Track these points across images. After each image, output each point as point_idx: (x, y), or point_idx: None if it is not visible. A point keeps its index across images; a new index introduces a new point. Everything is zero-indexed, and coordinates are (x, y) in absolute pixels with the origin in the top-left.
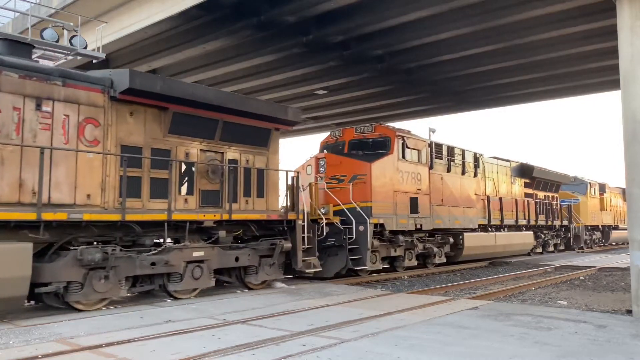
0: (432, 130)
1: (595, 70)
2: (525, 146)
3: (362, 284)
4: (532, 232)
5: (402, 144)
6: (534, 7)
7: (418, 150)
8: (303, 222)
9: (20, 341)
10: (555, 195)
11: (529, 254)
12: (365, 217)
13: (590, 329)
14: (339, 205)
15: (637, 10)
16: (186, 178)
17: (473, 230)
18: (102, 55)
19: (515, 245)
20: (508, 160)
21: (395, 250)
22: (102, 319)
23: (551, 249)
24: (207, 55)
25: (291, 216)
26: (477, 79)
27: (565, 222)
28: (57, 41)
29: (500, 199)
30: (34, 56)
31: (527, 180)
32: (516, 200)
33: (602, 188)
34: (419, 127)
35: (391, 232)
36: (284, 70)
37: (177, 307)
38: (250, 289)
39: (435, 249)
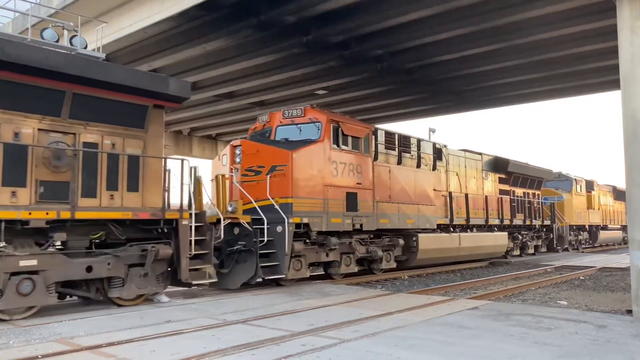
0: (432, 130)
1: (595, 70)
2: (525, 146)
3: (362, 284)
4: (506, 233)
5: (337, 130)
6: (534, 7)
7: (359, 138)
8: (191, 222)
9: (20, 341)
10: (537, 192)
11: (505, 257)
12: (284, 215)
13: (590, 329)
14: (252, 202)
15: (637, 10)
16: (14, 165)
17: (431, 230)
18: (102, 55)
19: (486, 247)
20: (479, 154)
21: (327, 255)
22: (102, 319)
23: (531, 251)
24: (207, 55)
25: (170, 215)
26: (477, 79)
27: (547, 222)
28: (57, 41)
29: (467, 195)
30: None
31: (503, 176)
32: (486, 197)
33: (590, 185)
34: (419, 127)
35: (321, 233)
36: (284, 70)
37: (177, 307)
38: (119, 305)
39: (381, 253)
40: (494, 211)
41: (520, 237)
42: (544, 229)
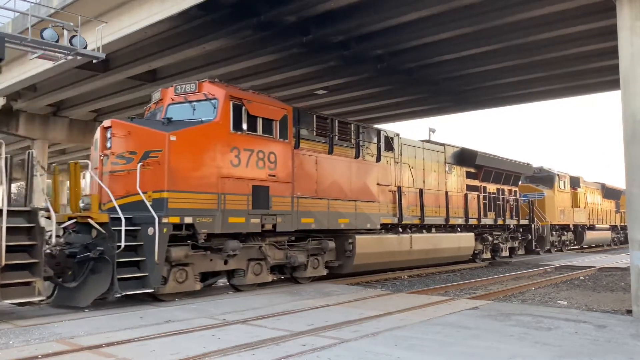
0: (432, 130)
1: (595, 70)
2: (525, 146)
3: (362, 284)
4: (472, 234)
5: (240, 110)
6: (534, 7)
7: (272, 120)
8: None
9: (20, 341)
10: (514, 188)
11: (473, 261)
12: (154, 214)
13: (590, 329)
14: (126, 197)
15: (637, 10)
16: None
17: (373, 231)
18: (102, 55)
19: (446, 250)
20: (442, 145)
21: (225, 263)
22: (102, 319)
23: (505, 253)
24: (207, 55)
25: None
26: (477, 79)
27: (525, 221)
28: (57, 41)
29: (421, 190)
30: (34, 56)
31: (471, 170)
32: (447, 193)
33: (575, 182)
34: (419, 127)
35: (218, 236)
36: (284, 70)
37: (177, 307)
38: None
39: (303, 258)
40: (458, 209)
41: (490, 238)
42: (521, 229)
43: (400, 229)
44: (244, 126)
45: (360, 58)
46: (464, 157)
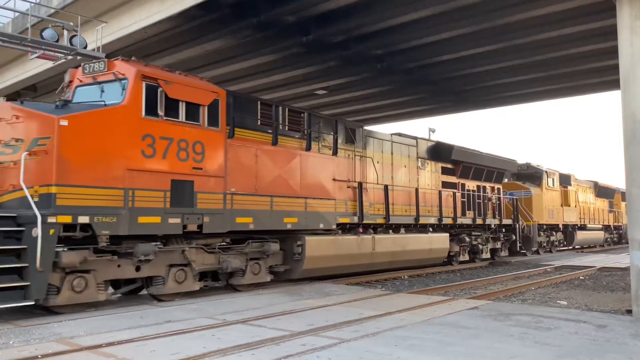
0: (432, 130)
1: (595, 70)
2: (525, 146)
3: (362, 284)
4: (447, 234)
5: (155, 91)
6: (534, 7)
7: (199, 105)
8: None
9: (20, 341)
10: (497, 186)
11: (450, 263)
12: (37, 212)
13: (590, 329)
14: (8, 192)
15: (637, 10)
16: None
17: (328, 231)
18: (102, 55)
19: (415, 252)
20: (414, 138)
21: (138, 269)
22: (102, 319)
23: (485, 255)
24: (207, 55)
25: None
26: (477, 79)
27: (509, 221)
28: (57, 41)
29: (386, 187)
30: (34, 56)
31: (448, 166)
32: (417, 190)
33: (566, 179)
34: (419, 127)
35: (127, 238)
36: (284, 70)
37: (177, 307)
38: None
39: (238, 263)
40: (431, 207)
41: (468, 239)
42: (503, 229)
43: (361, 229)
44: (161, 111)
45: (360, 58)
46: (440, 152)
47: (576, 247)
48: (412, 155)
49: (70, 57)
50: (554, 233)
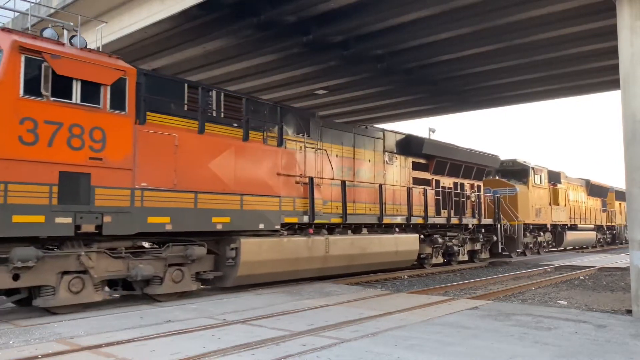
0: (432, 130)
1: (595, 70)
2: (525, 146)
3: (362, 284)
4: (416, 235)
5: (39, 67)
6: (534, 7)
7: (99, 85)
8: None
9: (20, 341)
10: (477, 183)
11: (421, 266)
12: None
13: (590, 329)
14: None
15: (637, 10)
16: None
17: (272, 232)
18: None
19: (378, 255)
20: (381, 130)
21: (16, 278)
22: (102, 319)
23: (463, 257)
24: (207, 55)
25: None
26: (477, 79)
27: (489, 220)
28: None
29: (344, 183)
30: None
31: (421, 161)
32: (381, 186)
33: (555, 177)
34: (419, 127)
35: (2, 241)
36: (284, 70)
37: (177, 307)
38: None
39: (151, 270)
40: (400, 206)
41: (441, 240)
42: (483, 229)
43: (312, 230)
44: (46, 90)
45: (360, 58)
46: (410, 146)
47: (567, 247)
48: (378, 149)
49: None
50: (542, 233)
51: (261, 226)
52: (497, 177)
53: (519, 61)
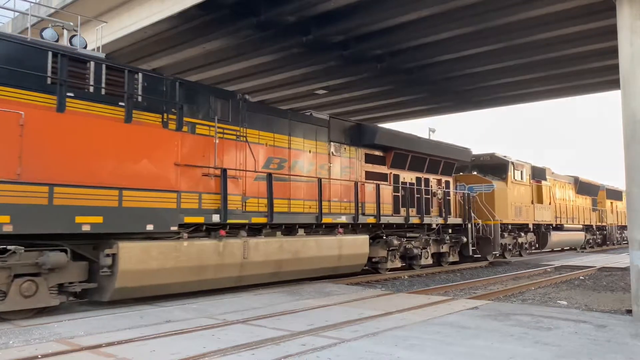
0: (432, 130)
1: (595, 70)
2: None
3: (362, 284)
4: (366, 237)
5: None
6: (534, 7)
7: None
8: None
9: (20, 341)
10: (445, 179)
11: (376, 271)
12: None
13: (590, 329)
14: None
15: (637, 10)
16: None
17: (163, 235)
18: (102, 55)
19: (315, 260)
20: (327, 117)
21: None
22: (102, 318)
23: (426, 260)
24: (207, 55)
25: None
26: (477, 79)
27: (458, 220)
28: (57, 41)
29: (269, 176)
30: None
31: (376, 153)
32: (320, 180)
33: (540, 173)
34: (419, 127)
35: None
36: (284, 70)
37: (177, 307)
38: None
39: None
40: (348, 204)
41: (396, 242)
42: (450, 230)
43: (224, 232)
44: None
45: (360, 58)
46: (362, 136)
47: (555, 249)
48: (322, 138)
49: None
50: (523, 234)
51: (150, 227)
52: (474, 173)
53: (519, 61)
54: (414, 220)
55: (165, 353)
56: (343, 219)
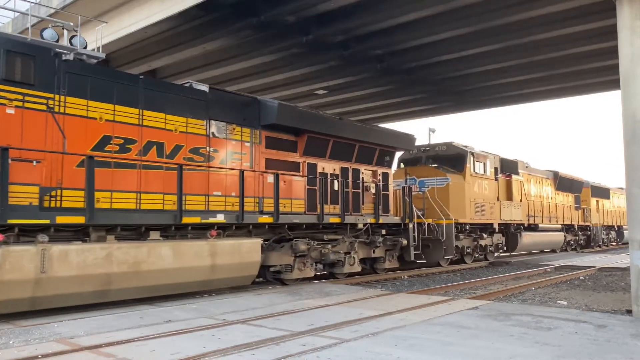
0: (432, 130)
1: (595, 70)
2: (525, 146)
3: (362, 284)
4: (257, 241)
5: None
6: (534, 7)
7: None
8: None
9: (20, 341)
10: (383, 170)
11: (283, 283)
12: None
13: (590, 329)
14: None
15: (637, 10)
16: None
17: None
18: (102, 55)
19: (171, 273)
20: (205, 88)
21: None
22: (101, 318)
23: (352, 267)
24: (207, 55)
25: None
26: (477, 79)
27: (397, 219)
28: (57, 41)
29: (90, 159)
30: None
31: (282, 137)
32: (181, 167)
33: (510, 167)
34: (419, 127)
35: None
36: (284, 70)
37: (177, 307)
38: None
39: None
40: (234, 199)
41: (304, 246)
42: (383, 230)
43: (2, 237)
44: None
45: (360, 58)
46: (260, 114)
47: (532, 251)
48: (196, 115)
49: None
50: (486, 235)
51: None
52: (431, 165)
53: (519, 61)
54: (333, 219)
55: (165, 353)
56: (220, 219)
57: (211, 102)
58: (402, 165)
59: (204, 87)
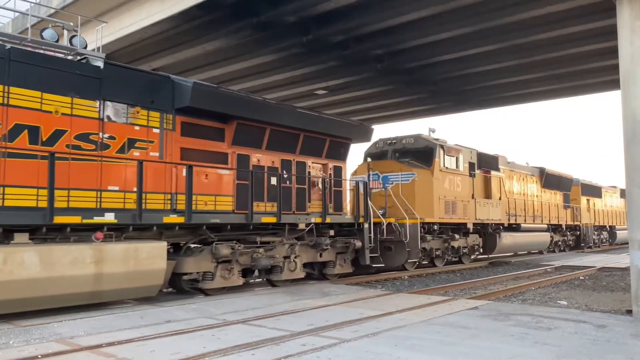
0: (432, 130)
1: (595, 70)
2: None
3: (362, 284)
4: (162, 244)
5: None
6: (534, 7)
7: None
8: None
9: (20, 341)
10: (334, 164)
11: (203, 292)
12: None
13: (590, 329)
14: None
15: (637, 10)
16: None
17: None
18: (102, 55)
19: (33, 285)
20: (97, 66)
21: None
22: (102, 318)
23: (293, 274)
24: (207, 55)
25: None
26: (477, 79)
27: (348, 218)
28: (57, 41)
29: None
30: None
31: (206, 123)
32: (52, 156)
33: (489, 162)
34: (419, 127)
35: None
36: (284, 70)
37: (177, 307)
38: None
39: None
40: (144, 195)
41: (227, 250)
42: (331, 231)
43: None
44: None
45: (360, 58)
46: (174, 95)
47: (499, 254)
48: (87, 95)
49: (70, 57)
50: (458, 236)
51: None
52: (397, 160)
53: (519, 61)
54: (266, 219)
55: (166, 353)
56: (109, 218)
57: (107, 80)
58: (369, 160)
59: (99, 62)
